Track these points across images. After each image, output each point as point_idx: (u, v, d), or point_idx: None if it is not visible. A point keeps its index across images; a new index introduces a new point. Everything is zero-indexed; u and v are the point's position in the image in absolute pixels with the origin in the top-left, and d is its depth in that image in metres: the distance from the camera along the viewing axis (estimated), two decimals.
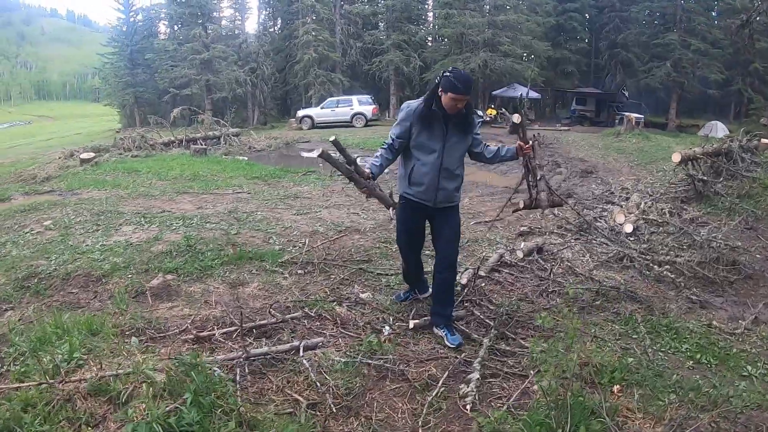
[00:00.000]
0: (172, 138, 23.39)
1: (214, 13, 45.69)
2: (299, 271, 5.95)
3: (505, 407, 3.46)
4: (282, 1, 48.49)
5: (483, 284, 5.60)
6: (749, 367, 4.46)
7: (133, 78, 45.08)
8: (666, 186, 11.52)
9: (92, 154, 18.48)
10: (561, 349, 3.25)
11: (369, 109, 35.92)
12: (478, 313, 5.01)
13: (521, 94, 36.16)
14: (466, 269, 5.82)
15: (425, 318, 4.73)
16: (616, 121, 36.80)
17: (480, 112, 35.51)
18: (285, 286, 5.54)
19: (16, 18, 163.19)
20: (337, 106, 36.32)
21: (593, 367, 3.80)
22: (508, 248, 6.93)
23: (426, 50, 43.58)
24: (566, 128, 34.15)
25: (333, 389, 3.58)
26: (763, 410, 3.70)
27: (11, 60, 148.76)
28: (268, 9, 52.25)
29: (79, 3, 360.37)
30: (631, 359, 4.21)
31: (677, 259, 6.85)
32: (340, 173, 4.65)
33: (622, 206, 9.65)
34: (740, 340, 5.05)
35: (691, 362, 4.49)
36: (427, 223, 4.85)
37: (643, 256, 6.91)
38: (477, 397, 3.59)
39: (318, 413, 3.38)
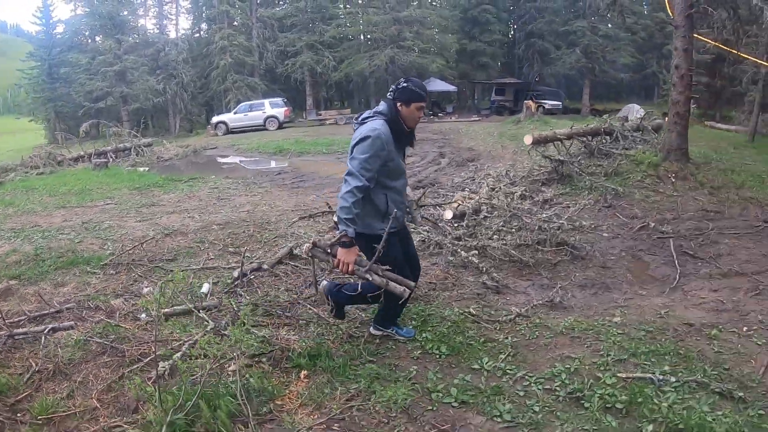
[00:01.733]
0: (82, 153, 23.04)
1: (133, 23, 45.17)
2: (111, 272, 6.39)
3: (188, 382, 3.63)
4: (200, 7, 48.47)
5: (253, 276, 5.81)
6: (486, 359, 4.27)
7: (53, 92, 44.60)
8: (535, 169, 11.80)
9: None
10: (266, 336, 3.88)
11: (281, 112, 35.99)
12: (233, 304, 5.05)
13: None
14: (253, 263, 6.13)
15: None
16: (536, 108, 38.49)
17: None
18: (93, 284, 5.96)
19: None
20: (250, 110, 36.38)
21: (288, 352, 4.12)
22: (299, 242, 7.00)
23: (336, 50, 44.04)
24: (478, 119, 35.17)
25: (60, 359, 4.18)
26: (424, 402, 3.73)
27: None
28: (190, 16, 52.09)
29: (11, 12, 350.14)
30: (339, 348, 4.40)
31: (491, 243, 6.99)
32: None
33: (466, 194, 9.67)
34: (500, 328, 4.91)
35: (419, 352, 4.41)
36: None
37: (456, 242, 7.03)
38: (168, 374, 3.86)
39: (41, 376, 4.02)
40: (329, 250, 4.11)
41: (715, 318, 5.34)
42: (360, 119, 4.23)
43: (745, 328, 5.00)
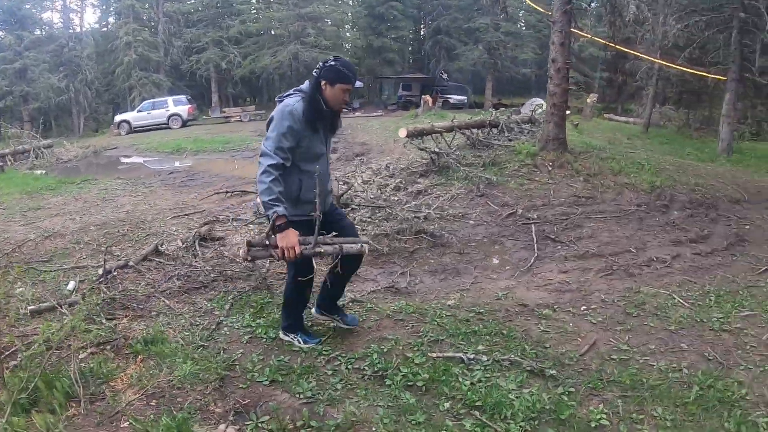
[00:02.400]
0: None
1: (36, 17, 44.06)
2: None
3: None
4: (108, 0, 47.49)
5: (117, 273, 5.98)
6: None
7: None
8: (417, 162, 12.00)
9: None
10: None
11: (185, 110, 35.59)
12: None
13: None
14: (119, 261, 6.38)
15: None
16: (439, 103, 39.36)
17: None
18: None
19: None
20: (153, 109, 35.80)
21: (130, 340, 4.41)
22: (165, 239, 7.43)
23: (242, 46, 43.99)
24: (381, 114, 35.84)
25: None
26: (239, 381, 3.91)
27: None
28: (97, 10, 51.13)
29: None
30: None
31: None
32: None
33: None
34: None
35: (249, 336, 4.61)
36: None
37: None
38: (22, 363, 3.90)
39: None
40: (267, 242, 3.82)
41: (555, 298, 5.68)
42: (280, 97, 4.11)
43: (583, 308, 5.36)
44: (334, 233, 4.00)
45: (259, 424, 3.33)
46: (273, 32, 41.84)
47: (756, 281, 6.28)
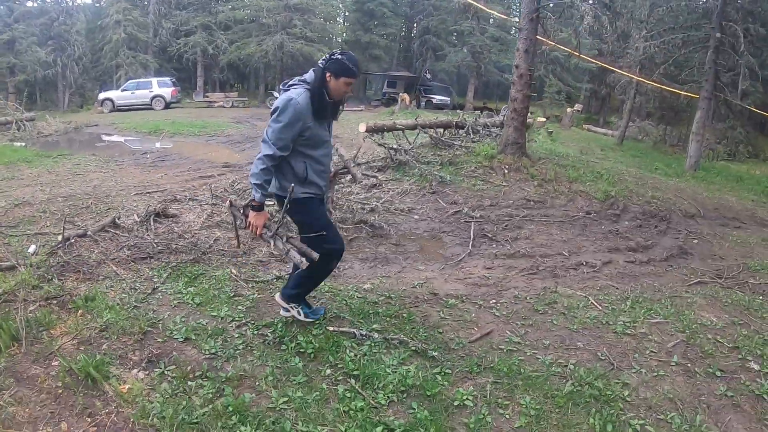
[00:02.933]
0: None
1: None
2: None
3: None
4: None
5: (74, 240, 6.43)
6: (225, 308, 5.01)
7: None
8: (380, 157, 12.26)
9: None
10: None
11: (168, 92, 36.05)
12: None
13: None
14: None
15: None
16: (422, 103, 39.81)
17: (276, 94, 37.35)
18: None
19: None
20: (137, 89, 36.23)
21: (75, 297, 4.95)
22: (124, 213, 7.95)
23: (230, 32, 44.23)
24: (361, 109, 36.38)
25: None
26: (159, 337, 4.42)
27: None
28: None
29: None
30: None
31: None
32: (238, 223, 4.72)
33: None
34: (253, 287, 5.65)
35: (178, 302, 5.12)
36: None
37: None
38: None
39: None
40: (242, 211, 4.44)
41: (469, 291, 5.94)
42: (284, 85, 4.25)
43: (493, 301, 5.62)
44: (290, 236, 4.35)
45: (165, 372, 3.87)
46: (261, 21, 41.80)
47: (682, 292, 6.39)
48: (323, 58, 4.23)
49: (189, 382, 3.75)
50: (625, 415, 3.74)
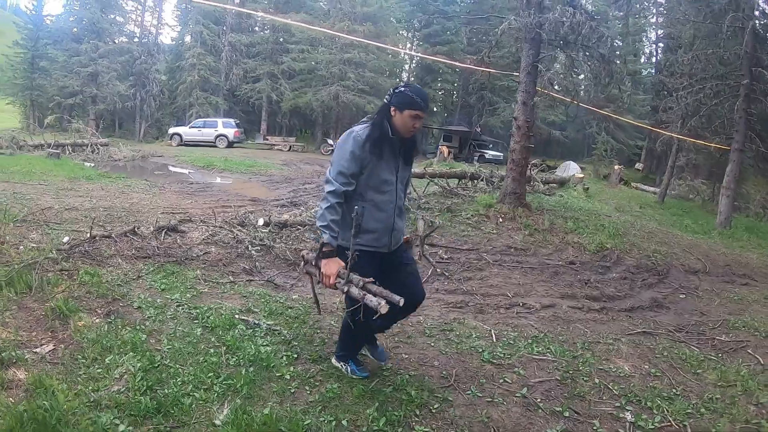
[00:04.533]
0: (42, 142, 25.32)
1: (113, 30, 47.34)
2: (20, 224, 8.71)
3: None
4: (186, 23, 50.54)
5: (99, 239, 7.91)
6: (176, 295, 6.04)
7: (32, 82, 46.28)
8: None
9: None
10: None
11: (231, 132, 38.28)
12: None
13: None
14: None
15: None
16: (475, 157, 40.04)
17: (331, 141, 39.09)
18: (6, 230, 8.03)
19: None
20: (204, 127, 38.69)
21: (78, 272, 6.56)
22: (144, 224, 9.31)
23: (291, 80, 46.33)
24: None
25: None
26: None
27: None
28: (172, 30, 55.02)
29: None
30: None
31: (275, 244, 8.73)
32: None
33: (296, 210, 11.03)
34: (211, 287, 6.62)
35: (138, 280, 6.44)
36: None
37: (253, 240, 8.78)
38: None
39: None
40: (314, 263, 3.92)
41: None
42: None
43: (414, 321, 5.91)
44: (367, 280, 3.63)
45: (112, 321, 5.09)
46: (318, 72, 43.95)
47: (610, 340, 6.08)
48: (388, 92, 3.95)
49: (120, 329, 4.90)
50: (412, 419, 3.89)
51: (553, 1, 12.99)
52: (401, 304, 3.43)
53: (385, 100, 3.93)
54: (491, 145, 45.58)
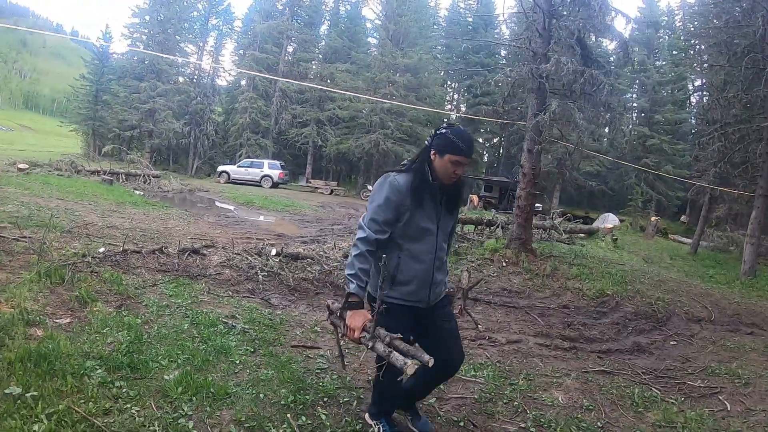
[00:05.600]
0: (98, 168, 27.27)
1: (171, 72, 49.08)
2: (66, 234, 9.99)
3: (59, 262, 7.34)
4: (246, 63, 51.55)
5: (129, 253, 8.93)
6: (152, 301, 7.05)
7: (95, 113, 48.84)
8: None
9: (27, 166, 23.41)
10: None
11: (276, 173, 40.03)
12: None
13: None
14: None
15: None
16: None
17: (370, 187, 39.77)
18: (53, 238, 9.11)
19: (23, 24, 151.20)
20: (251, 167, 40.52)
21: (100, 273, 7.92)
22: (171, 245, 10.48)
23: (335, 127, 47.54)
24: None
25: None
26: None
27: (8, 64, 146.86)
28: (227, 75, 56.39)
29: (85, 24, 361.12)
30: None
31: (281, 272, 9.37)
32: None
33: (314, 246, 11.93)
34: (213, 300, 7.44)
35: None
36: None
37: (263, 267, 9.47)
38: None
39: None
40: (339, 314, 3.62)
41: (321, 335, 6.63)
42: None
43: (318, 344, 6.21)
44: (396, 336, 3.27)
45: (121, 311, 6.12)
46: (359, 120, 45.30)
47: (558, 374, 6.10)
48: (430, 135, 3.64)
49: (125, 316, 5.80)
50: (319, 404, 4.45)
51: (560, 53, 12.95)
52: (430, 364, 3.05)
53: (426, 142, 3.62)
54: None
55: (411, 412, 4.21)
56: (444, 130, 3.51)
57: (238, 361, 5.14)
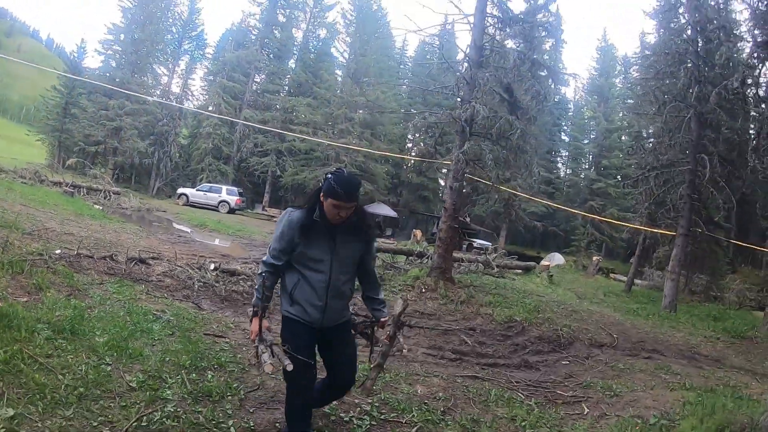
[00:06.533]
0: (61, 180, 28.40)
1: (140, 93, 48.81)
2: (26, 236, 10.80)
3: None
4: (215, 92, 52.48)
5: (80, 257, 10.20)
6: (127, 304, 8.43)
7: (62, 125, 48.78)
8: None
9: None
10: None
11: (233, 200, 40.69)
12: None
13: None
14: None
15: None
16: (464, 246, 40.95)
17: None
18: (14, 238, 9.83)
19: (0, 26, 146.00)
20: (209, 191, 41.19)
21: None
22: (119, 254, 11.50)
23: (294, 158, 48.68)
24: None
25: None
26: None
27: None
28: (194, 98, 57.23)
29: (61, 32, 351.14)
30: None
31: (216, 284, 10.47)
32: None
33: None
34: (150, 306, 8.14)
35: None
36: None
37: (200, 280, 10.46)
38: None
39: None
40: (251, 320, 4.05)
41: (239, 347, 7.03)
42: None
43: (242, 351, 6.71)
44: (284, 348, 3.82)
45: (72, 299, 7.53)
46: (314, 154, 46.73)
47: (431, 375, 6.90)
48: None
49: (72, 302, 7.10)
50: (208, 372, 5.55)
51: (482, 100, 13.85)
52: (289, 369, 3.60)
53: (320, 184, 3.88)
54: (480, 234, 46.83)
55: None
56: (330, 176, 3.78)
57: (156, 338, 6.30)
